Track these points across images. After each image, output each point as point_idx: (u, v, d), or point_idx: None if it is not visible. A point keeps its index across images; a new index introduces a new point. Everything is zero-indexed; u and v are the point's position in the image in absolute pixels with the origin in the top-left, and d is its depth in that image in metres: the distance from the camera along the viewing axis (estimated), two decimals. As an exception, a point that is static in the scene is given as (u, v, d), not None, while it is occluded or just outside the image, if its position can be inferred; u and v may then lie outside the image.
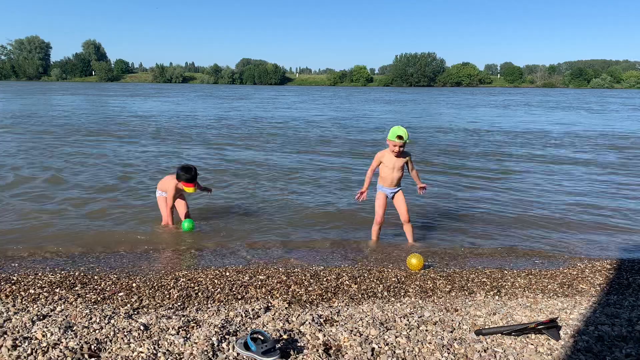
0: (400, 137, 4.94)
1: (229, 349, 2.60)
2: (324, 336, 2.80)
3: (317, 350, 2.60)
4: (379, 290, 4.07)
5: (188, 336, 2.74)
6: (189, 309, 3.51)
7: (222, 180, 8.77)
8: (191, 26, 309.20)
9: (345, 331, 2.88)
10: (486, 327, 3.06)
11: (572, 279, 4.53)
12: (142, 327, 2.84)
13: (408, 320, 3.15)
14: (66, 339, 2.62)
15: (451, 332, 2.96)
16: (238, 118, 23.13)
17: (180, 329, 2.84)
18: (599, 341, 2.85)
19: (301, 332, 2.89)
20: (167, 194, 5.65)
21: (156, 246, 5.27)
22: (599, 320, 3.24)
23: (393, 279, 4.39)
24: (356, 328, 2.95)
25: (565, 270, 4.80)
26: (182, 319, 3.07)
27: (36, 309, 3.28)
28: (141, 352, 2.51)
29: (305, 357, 2.54)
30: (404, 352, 2.65)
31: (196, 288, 3.99)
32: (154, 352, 2.52)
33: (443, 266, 4.88)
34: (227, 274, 4.40)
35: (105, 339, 2.65)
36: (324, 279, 4.32)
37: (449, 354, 2.65)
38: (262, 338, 2.55)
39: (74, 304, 3.50)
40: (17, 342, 2.54)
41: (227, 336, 2.75)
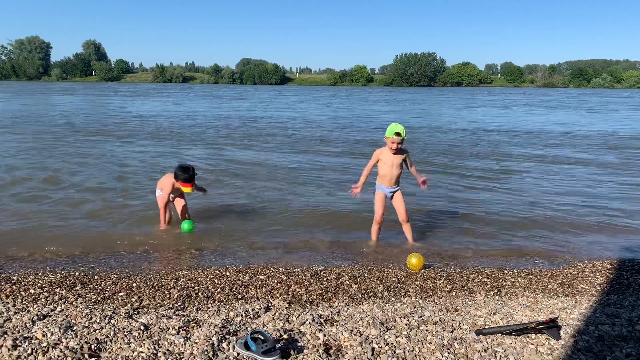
0: (398, 134, 4.95)
1: (229, 348, 2.60)
2: (324, 336, 2.80)
3: (318, 350, 2.60)
4: (379, 290, 4.08)
5: (188, 336, 2.74)
6: (189, 308, 3.51)
7: (222, 181, 8.77)
8: (191, 26, 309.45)
9: (345, 331, 2.88)
10: (486, 326, 3.06)
11: (573, 279, 4.53)
12: (142, 327, 2.84)
13: (408, 320, 3.15)
14: (66, 338, 2.62)
15: (451, 331, 2.96)
16: (238, 118, 23.13)
17: (181, 329, 2.84)
18: (599, 341, 2.85)
19: (301, 331, 2.89)
20: (163, 192, 5.59)
21: (156, 246, 5.27)
22: (599, 320, 3.24)
23: (393, 278, 4.39)
24: (356, 328, 2.95)
25: (566, 270, 4.80)
26: (183, 318, 3.07)
27: (36, 308, 3.29)
28: (141, 352, 2.51)
29: (305, 356, 2.54)
30: (404, 351, 2.65)
31: (196, 288, 4.00)
32: (154, 352, 2.52)
33: (443, 266, 4.88)
34: (228, 273, 4.40)
35: (106, 339, 2.65)
36: (324, 278, 4.33)
37: (449, 353, 2.65)
38: (262, 338, 2.55)
39: (74, 303, 3.50)
40: (17, 342, 2.54)
41: (227, 336, 2.75)
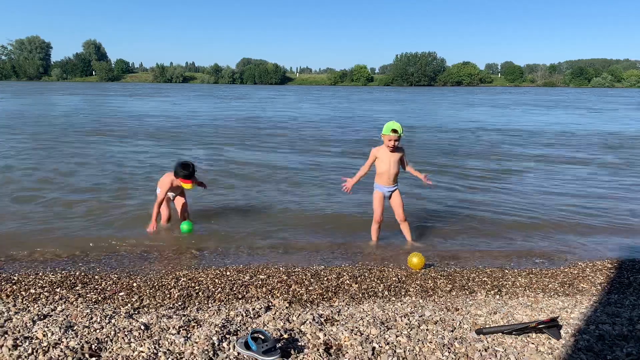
0: (395, 131, 4.96)
1: (229, 348, 2.60)
2: (325, 335, 2.80)
3: (318, 350, 2.60)
4: (380, 290, 4.08)
5: (189, 336, 2.74)
6: (189, 308, 3.51)
7: (222, 181, 8.76)
8: (191, 26, 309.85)
9: (346, 330, 2.87)
10: (487, 326, 3.06)
11: (573, 278, 4.53)
12: (142, 327, 2.84)
13: (409, 319, 3.15)
14: (67, 338, 2.62)
15: (452, 331, 2.96)
16: (237, 118, 23.13)
17: (181, 329, 2.84)
18: (599, 340, 2.84)
19: (302, 331, 2.88)
20: (160, 190, 5.55)
21: (157, 246, 5.27)
22: (599, 319, 3.23)
23: (394, 278, 4.39)
24: (357, 327, 2.95)
25: (566, 270, 4.80)
26: (183, 318, 3.07)
27: (37, 308, 3.29)
28: (142, 351, 2.51)
29: (306, 356, 2.54)
30: (404, 351, 2.65)
31: (197, 288, 4.00)
32: (155, 351, 2.52)
33: (444, 265, 4.88)
34: (228, 273, 4.40)
35: (106, 339, 2.65)
36: (325, 278, 4.33)
37: (449, 353, 2.65)
38: (262, 337, 2.55)
39: (74, 303, 3.50)
40: (17, 341, 2.54)
41: (227, 336, 2.75)
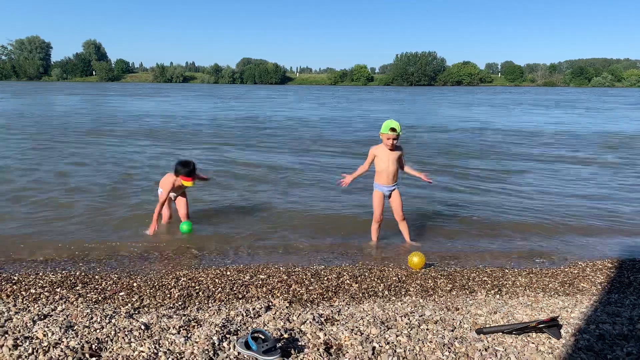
0: (393, 130, 4.97)
1: (229, 348, 2.60)
2: (325, 335, 2.80)
3: (318, 349, 2.60)
4: (380, 289, 4.08)
5: (189, 335, 2.74)
6: (189, 308, 3.51)
7: (222, 181, 8.76)
8: (191, 26, 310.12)
9: (346, 330, 2.87)
10: (487, 325, 3.06)
11: (573, 278, 4.53)
12: (143, 327, 2.84)
13: (409, 319, 3.15)
14: (67, 338, 2.62)
15: (452, 331, 2.96)
16: (237, 118, 23.13)
17: (181, 329, 2.84)
18: (600, 340, 2.84)
19: (302, 331, 2.88)
20: (162, 190, 5.55)
21: (157, 246, 5.27)
22: (600, 318, 3.23)
23: (394, 278, 4.39)
24: (357, 327, 2.95)
25: (566, 269, 4.80)
26: (183, 318, 3.07)
27: (37, 308, 3.29)
28: (142, 351, 2.51)
29: (306, 356, 2.54)
30: (404, 351, 2.65)
31: (197, 287, 4.00)
32: (155, 351, 2.52)
33: (444, 265, 4.88)
34: (228, 273, 4.40)
35: (106, 339, 2.65)
36: (325, 278, 4.33)
37: (450, 352, 2.64)
38: (263, 337, 2.55)
39: (74, 303, 3.51)
40: (18, 341, 2.54)
41: (228, 335, 2.75)
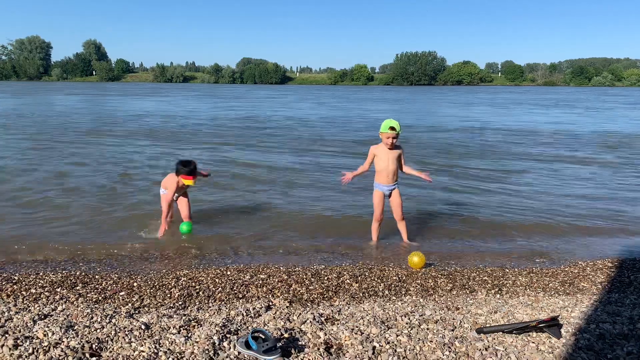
0: (392, 128, 5.00)
1: (230, 347, 2.60)
2: (325, 335, 2.80)
3: (319, 349, 2.60)
4: (380, 289, 4.08)
5: (189, 335, 2.74)
6: (190, 308, 3.51)
7: (221, 181, 8.75)
8: (191, 26, 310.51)
9: (346, 330, 2.87)
10: (487, 325, 3.06)
11: (574, 277, 4.53)
12: (143, 327, 2.84)
13: (409, 318, 3.15)
14: (67, 338, 2.62)
15: (452, 330, 2.96)
16: (237, 118, 23.13)
17: (182, 328, 2.84)
18: (600, 339, 2.84)
19: (302, 330, 2.88)
20: (167, 191, 5.57)
21: (157, 246, 5.27)
22: (600, 318, 3.23)
23: (394, 277, 4.39)
24: (357, 327, 2.95)
25: (567, 269, 4.80)
26: (183, 318, 3.07)
27: (37, 308, 3.29)
28: (142, 351, 2.51)
29: (306, 355, 2.54)
30: (405, 350, 2.65)
31: (197, 287, 4.00)
32: (155, 351, 2.52)
33: (444, 265, 4.87)
34: (228, 273, 4.40)
35: (107, 338, 2.65)
36: (325, 277, 4.33)
37: (450, 352, 2.64)
38: (263, 337, 2.55)
39: (75, 303, 3.51)
40: (18, 341, 2.54)
41: (228, 335, 2.75)
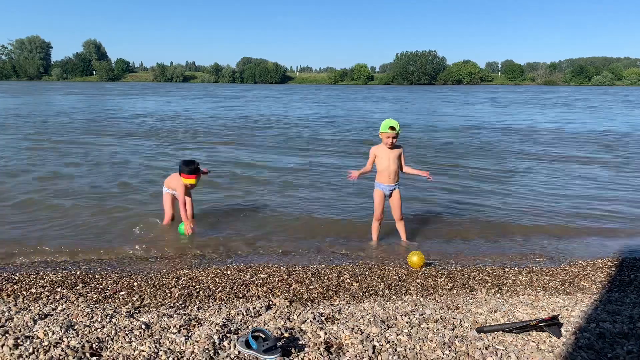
0: (392, 128, 5.02)
1: (230, 347, 2.60)
2: (326, 334, 2.80)
3: (319, 348, 2.60)
4: (380, 288, 4.08)
5: (189, 335, 2.74)
6: (190, 307, 3.51)
7: (222, 181, 8.76)
8: (192, 25, 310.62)
9: (346, 329, 2.87)
10: (487, 324, 3.06)
11: (574, 277, 4.53)
12: (143, 326, 2.84)
13: (409, 318, 3.15)
14: (68, 337, 2.63)
15: (452, 329, 2.96)
16: (237, 118, 23.12)
17: (182, 328, 2.85)
18: (600, 338, 2.84)
19: (302, 330, 2.89)
20: (176, 192, 5.67)
21: (157, 245, 5.27)
22: (600, 317, 3.23)
23: (394, 276, 4.39)
24: (357, 326, 2.95)
25: (567, 268, 4.80)
26: (184, 317, 3.07)
27: (38, 308, 3.29)
28: (142, 350, 2.52)
29: (306, 355, 2.54)
30: (405, 349, 2.65)
31: (197, 287, 4.00)
32: (156, 350, 2.52)
33: (444, 264, 4.88)
34: (228, 272, 4.40)
35: (107, 338, 2.65)
36: (325, 277, 4.33)
37: (450, 351, 2.65)
38: (263, 336, 2.56)
39: (75, 303, 3.51)
40: (18, 341, 2.54)
41: (228, 334, 2.75)
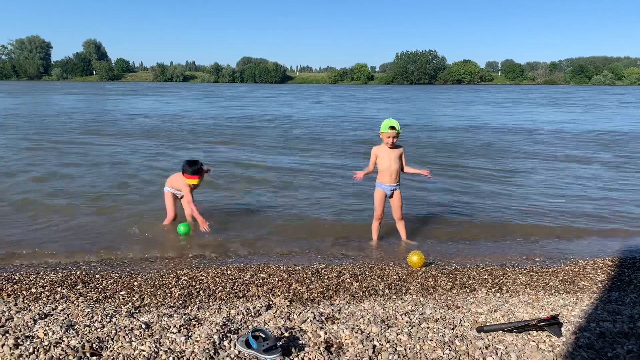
0: (392, 128, 5.03)
1: (230, 347, 2.60)
2: (326, 334, 2.80)
3: (319, 348, 2.60)
4: (380, 288, 4.08)
5: (189, 334, 2.74)
6: (190, 307, 3.51)
7: (221, 181, 8.77)
8: (191, 25, 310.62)
9: (346, 329, 2.87)
10: (487, 324, 3.06)
11: (574, 276, 4.53)
12: (143, 326, 2.84)
13: (409, 317, 3.15)
14: (68, 337, 2.63)
15: (452, 329, 2.96)
16: (237, 117, 23.12)
17: (182, 327, 2.85)
18: (600, 337, 2.84)
19: (302, 329, 2.89)
20: (179, 191, 5.74)
21: (157, 245, 5.27)
22: (600, 316, 3.23)
23: (394, 276, 4.39)
24: (357, 325, 2.95)
25: (567, 267, 4.80)
26: (184, 317, 3.07)
27: (38, 307, 3.29)
28: (143, 350, 2.52)
29: (306, 354, 2.54)
30: (405, 349, 2.65)
31: (197, 286, 4.00)
32: (156, 350, 2.52)
33: (444, 263, 4.87)
34: (229, 272, 4.40)
35: (107, 338, 2.65)
36: (325, 276, 4.33)
37: (450, 351, 2.65)
38: (263, 336, 2.56)
39: (75, 302, 3.51)
40: (19, 340, 2.55)
41: (228, 334, 2.75)
